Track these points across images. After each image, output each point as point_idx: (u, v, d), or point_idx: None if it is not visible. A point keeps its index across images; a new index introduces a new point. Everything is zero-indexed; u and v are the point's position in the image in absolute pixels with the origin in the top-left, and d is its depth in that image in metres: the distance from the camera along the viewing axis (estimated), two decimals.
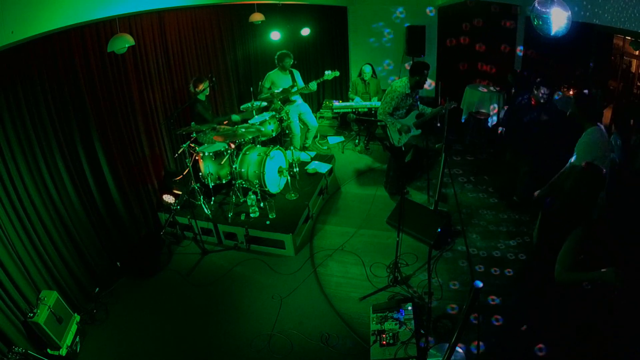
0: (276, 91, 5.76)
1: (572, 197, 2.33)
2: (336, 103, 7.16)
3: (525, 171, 4.77)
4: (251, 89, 5.57)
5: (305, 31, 7.06)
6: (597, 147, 3.08)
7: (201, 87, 4.87)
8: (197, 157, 4.80)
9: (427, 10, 7.80)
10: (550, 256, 2.54)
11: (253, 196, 4.68)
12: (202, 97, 4.96)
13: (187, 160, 4.65)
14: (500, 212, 4.91)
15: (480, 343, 3.15)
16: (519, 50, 7.28)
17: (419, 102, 4.90)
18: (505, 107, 6.16)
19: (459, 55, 7.86)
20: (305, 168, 5.59)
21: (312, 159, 5.96)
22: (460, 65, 7.93)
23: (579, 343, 2.79)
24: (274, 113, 5.58)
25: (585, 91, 3.19)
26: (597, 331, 2.71)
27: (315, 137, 7.01)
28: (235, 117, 5.56)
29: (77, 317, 3.56)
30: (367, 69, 6.94)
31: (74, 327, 3.45)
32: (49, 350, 3.22)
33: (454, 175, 5.81)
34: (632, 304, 2.72)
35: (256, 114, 5.59)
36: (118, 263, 4.23)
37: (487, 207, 5.04)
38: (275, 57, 5.85)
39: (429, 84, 6.92)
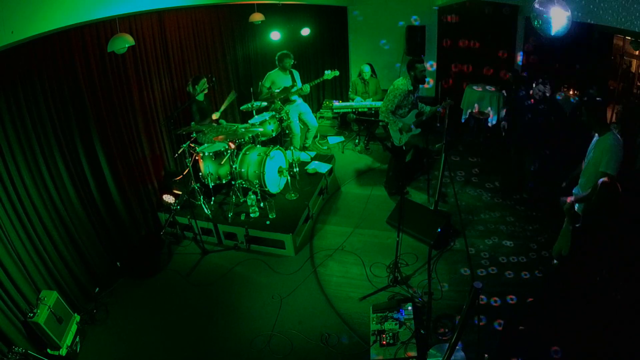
0: (276, 91, 5.76)
1: (596, 209, 2.77)
2: (336, 103, 7.16)
3: (530, 167, 4.81)
4: (251, 89, 5.56)
5: (305, 31, 7.05)
6: (619, 150, 3.13)
7: (199, 86, 4.86)
8: (197, 157, 4.80)
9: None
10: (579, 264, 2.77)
11: (253, 196, 4.68)
12: (200, 97, 4.95)
13: (187, 160, 4.65)
14: (500, 212, 4.90)
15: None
16: (519, 53, 7.28)
17: (418, 101, 4.92)
18: (507, 106, 6.19)
19: (459, 56, 7.86)
20: (305, 168, 5.59)
21: (312, 159, 5.95)
22: (459, 66, 7.93)
23: (581, 343, 2.80)
24: (274, 113, 5.58)
25: (595, 97, 3.25)
26: (600, 331, 2.72)
27: (315, 137, 7.00)
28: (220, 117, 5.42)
29: (77, 317, 3.56)
30: (366, 69, 6.93)
31: (74, 327, 3.45)
32: (49, 350, 3.22)
33: (454, 175, 5.81)
34: (634, 304, 2.72)
35: (256, 114, 5.59)
36: (118, 263, 4.24)
37: (488, 207, 5.03)
38: (276, 57, 5.85)
39: (428, 81, 6.91)
